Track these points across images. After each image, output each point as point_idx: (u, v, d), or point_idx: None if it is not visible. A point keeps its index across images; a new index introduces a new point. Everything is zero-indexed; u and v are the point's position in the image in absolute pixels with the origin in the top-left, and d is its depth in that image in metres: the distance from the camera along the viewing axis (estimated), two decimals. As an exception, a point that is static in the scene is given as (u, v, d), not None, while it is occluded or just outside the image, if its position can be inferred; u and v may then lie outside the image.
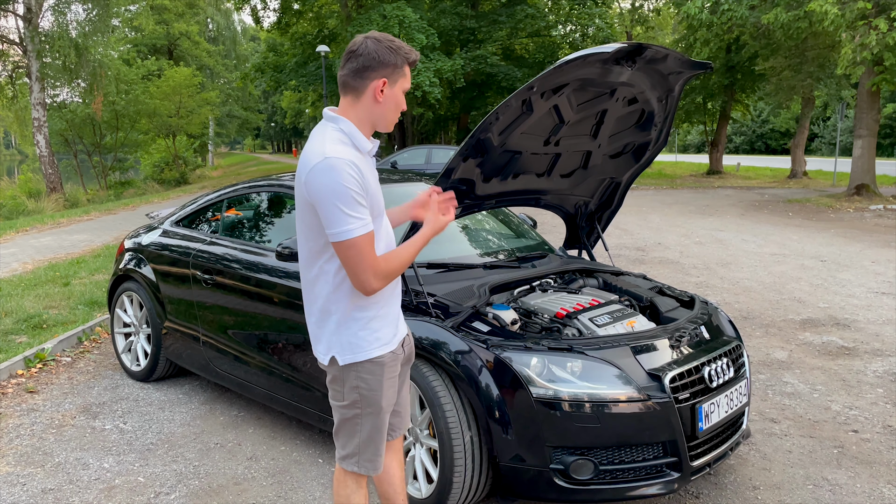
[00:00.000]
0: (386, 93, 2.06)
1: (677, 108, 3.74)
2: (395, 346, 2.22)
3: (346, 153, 1.99)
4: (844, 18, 14.50)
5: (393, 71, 2.06)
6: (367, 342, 2.16)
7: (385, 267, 2.04)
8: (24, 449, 3.83)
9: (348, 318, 2.14)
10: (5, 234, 12.42)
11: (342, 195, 1.93)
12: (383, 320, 2.19)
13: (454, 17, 26.17)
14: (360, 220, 1.96)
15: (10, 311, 6.41)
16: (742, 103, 29.27)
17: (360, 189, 1.97)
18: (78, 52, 21.88)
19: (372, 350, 2.16)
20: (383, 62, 2.04)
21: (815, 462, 3.60)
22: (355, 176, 1.95)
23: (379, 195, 2.12)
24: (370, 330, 2.16)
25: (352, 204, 1.95)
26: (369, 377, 2.17)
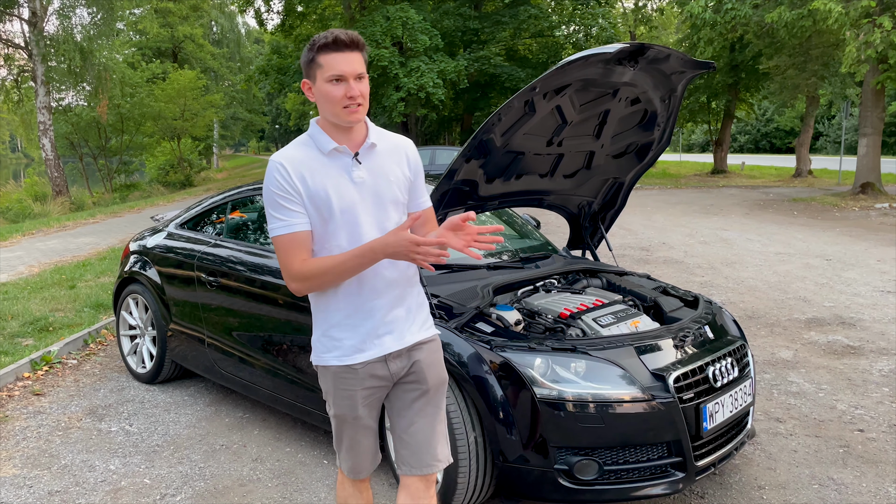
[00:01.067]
0: (314, 90, 2.01)
1: (680, 107, 3.74)
2: (353, 361, 2.07)
3: (288, 154, 2.01)
4: (848, 16, 14.46)
5: (308, 68, 2.01)
6: (324, 347, 2.12)
7: (301, 269, 1.97)
8: (31, 451, 3.84)
9: (317, 318, 2.14)
10: (11, 237, 12.47)
11: (266, 195, 2.00)
12: (346, 330, 2.08)
13: (457, 18, 26.16)
14: (280, 220, 1.97)
15: (17, 314, 6.44)
16: (746, 102, 29.21)
17: (283, 190, 1.96)
18: (83, 55, 21.95)
19: (325, 356, 2.12)
20: (302, 64, 2.02)
21: (820, 461, 3.59)
22: (279, 177, 1.97)
23: (334, 198, 1.99)
24: (329, 337, 2.10)
25: (273, 204, 1.98)
26: (324, 382, 2.16)
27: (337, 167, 2.02)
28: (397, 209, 2.11)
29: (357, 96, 1.95)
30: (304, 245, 1.99)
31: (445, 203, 3.38)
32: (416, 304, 2.18)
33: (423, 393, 2.16)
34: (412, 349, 2.15)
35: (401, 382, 2.17)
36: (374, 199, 2.05)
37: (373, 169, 2.07)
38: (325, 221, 2.00)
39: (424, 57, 23.41)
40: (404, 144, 2.18)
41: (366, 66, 2.02)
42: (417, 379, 2.16)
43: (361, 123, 2.08)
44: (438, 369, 2.20)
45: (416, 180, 2.18)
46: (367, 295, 2.06)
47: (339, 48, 1.95)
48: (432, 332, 2.23)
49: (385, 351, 2.09)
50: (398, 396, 2.18)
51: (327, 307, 2.09)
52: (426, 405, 2.17)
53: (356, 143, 2.06)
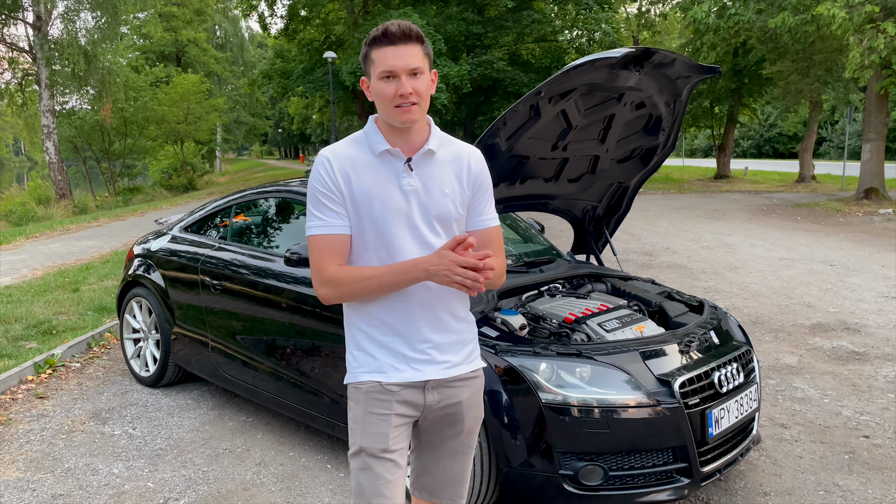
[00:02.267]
0: (370, 88, 1.85)
1: (685, 112, 3.74)
2: (389, 380, 1.87)
3: (337, 150, 1.88)
4: (852, 22, 14.46)
5: (364, 64, 1.86)
6: (357, 363, 1.93)
7: (335, 274, 1.82)
8: (34, 454, 3.84)
9: (350, 332, 1.96)
10: (15, 240, 12.49)
11: (309, 190, 1.88)
12: (381, 347, 1.90)
13: (461, 22, 26.21)
14: (320, 219, 1.84)
15: (20, 317, 6.44)
16: (749, 107, 29.22)
17: (326, 187, 1.84)
18: (87, 59, 22.02)
19: (358, 372, 1.92)
20: (360, 60, 1.88)
21: (826, 468, 3.57)
22: (324, 172, 1.84)
23: (376, 203, 1.83)
24: (363, 352, 1.92)
25: (314, 201, 1.86)
26: (353, 405, 1.93)
27: (386, 171, 1.86)
28: (446, 225, 1.91)
29: (409, 94, 1.78)
30: (340, 250, 1.85)
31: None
32: (462, 330, 1.98)
33: (457, 433, 2.00)
34: (454, 385, 1.95)
35: (433, 417, 1.96)
36: (421, 211, 1.86)
37: (426, 178, 1.88)
38: (363, 229, 1.85)
39: (428, 61, 23.41)
40: (468, 154, 1.97)
41: (429, 60, 1.85)
42: (455, 420, 1.98)
43: (422, 125, 1.90)
44: (477, 410, 2.03)
45: (476, 195, 1.97)
46: (405, 314, 1.88)
47: (391, 41, 1.78)
48: (477, 364, 2.03)
49: (424, 377, 1.90)
50: (429, 429, 2.00)
51: (361, 321, 1.92)
52: (459, 445, 2.01)
53: (412, 148, 1.88)
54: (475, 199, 1.97)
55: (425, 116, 1.89)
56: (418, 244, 1.86)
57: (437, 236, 1.88)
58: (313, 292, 3.47)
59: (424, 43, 1.82)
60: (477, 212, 1.98)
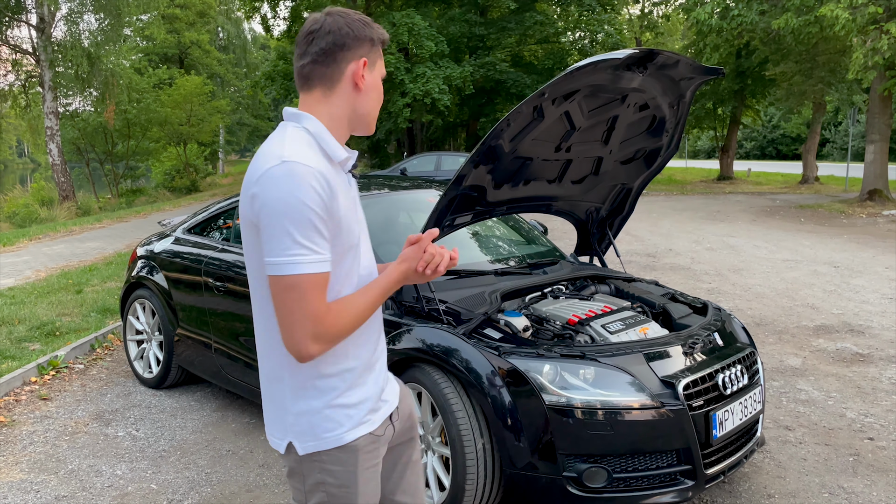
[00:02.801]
0: (367, 78, 1.56)
1: (688, 113, 3.73)
2: (376, 426, 1.63)
3: (313, 159, 1.46)
4: (856, 23, 14.44)
5: (371, 50, 1.57)
6: (335, 422, 1.58)
7: (333, 324, 1.46)
8: (38, 456, 3.84)
9: (307, 386, 1.56)
10: (18, 241, 12.51)
11: (297, 214, 1.40)
12: (359, 389, 1.61)
13: (463, 24, 26.23)
14: (314, 252, 1.42)
15: (24, 319, 6.45)
16: (752, 108, 29.18)
17: (324, 211, 1.43)
18: (90, 61, 22.05)
19: (341, 433, 1.58)
20: (359, 37, 1.55)
21: (830, 470, 3.56)
22: (320, 192, 1.42)
23: (354, 223, 1.56)
24: (339, 406, 1.58)
25: (307, 229, 1.41)
26: (338, 469, 1.59)
27: (343, 182, 1.57)
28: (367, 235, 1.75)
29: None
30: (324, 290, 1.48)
31: (453, 209, 3.37)
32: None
33: (411, 440, 1.86)
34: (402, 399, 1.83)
35: (395, 441, 1.80)
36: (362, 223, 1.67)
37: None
38: (344, 254, 1.54)
39: (430, 63, 23.46)
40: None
41: None
42: (411, 427, 1.85)
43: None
44: (413, 408, 1.89)
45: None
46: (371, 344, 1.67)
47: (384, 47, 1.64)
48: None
49: (392, 406, 1.74)
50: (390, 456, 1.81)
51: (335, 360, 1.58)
52: (413, 451, 1.86)
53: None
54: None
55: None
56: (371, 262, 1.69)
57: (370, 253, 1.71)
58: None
59: None
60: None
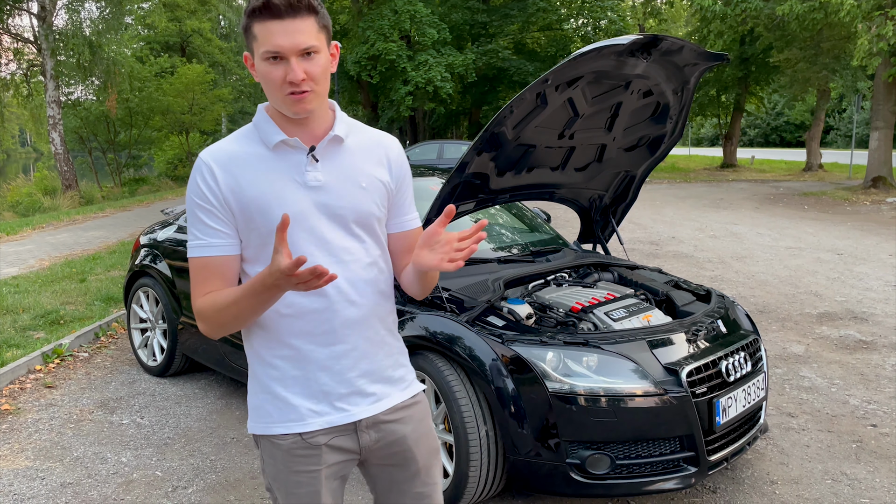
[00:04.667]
0: (256, 67, 1.49)
1: (692, 100, 3.71)
2: (311, 428, 1.53)
3: (220, 151, 1.52)
4: (860, 9, 14.35)
5: (246, 37, 1.49)
6: (265, 411, 1.56)
7: (201, 307, 1.49)
8: (43, 443, 3.86)
9: (254, 359, 1.59)
10: (22, 230, 12.53)
11: (187, 202, 1.53)
12: (297, 384, 1.53)
13: (466, 11, 26.13)
14: (196, 238, 1.51)
15: (28, 308, 6.47)
16: (756, 96, 29.03)
17: (206, 200, 1.48)
18: (92, 49, 22.00)
19: (269, 423, 1.55)
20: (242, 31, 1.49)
21: (833, 457, 3.57)
22: (202, 183, 1.49)
23: (278, 206, 1.49)
24: (272, 394, 1.55)
25: (191, 216, 1.52)
26: (270, 462, 1.58)
27: (285, 167, 1.51)
28: (366, 225, 1.57)
29: (300, 81, 1.43)
30: (220, 273, 1.50)
31: (456, 197, 3.37)
32: (392, 349, 1.65)
33: (414, 475, 1.67)
34: (391, 419, 1.62)
35: (378, 459, 1.65)
36: (331, 210, 1.52)
37: (337, 170, 1.54)
38: (264, 241, 1.50)
39: (432, 50, 23.38)
40: (387, 143, 1.65)
41: (327, 33, 1.48)
42: (405, 460, 1.65)
43: (324, 111, 1.55)
44: (429, 441, 1.70)
45: (400, 190, 1.66)
46: (325, 337, 1.53)
47: (275, 14, 1.40)
48: (415, 388, 1.69)
49: (353, 417, 1.56)
50: (380, 475, 1.68)
51: (268, 351, 1.55)
52: (422, 487, 1.69)
53: (314, 136, 1.54)
54: (398, 195, 1.66)
55: (326, 101, 1.55)
56: (328, 252, 1.52)
57: (356, 240, 1.56)
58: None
59: (319, 13, 1.45)
60: (400, 211, 1.67)
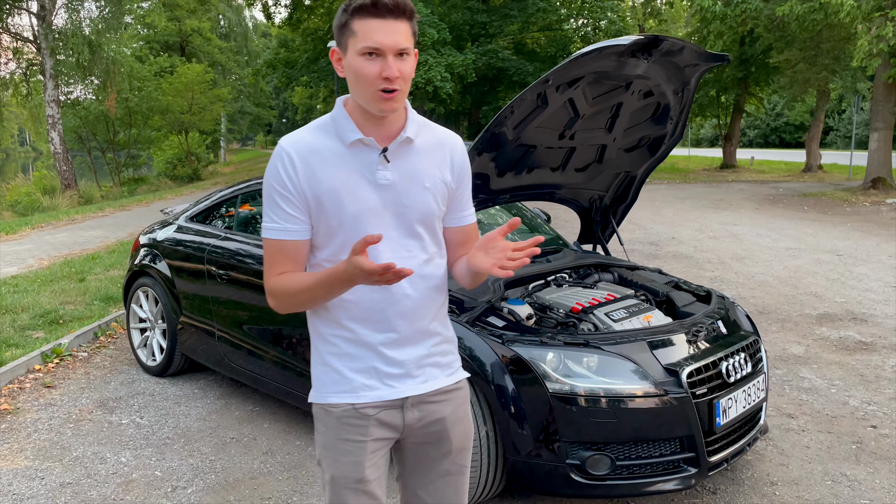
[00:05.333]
0: (343, 64, 1.59)
1: (693, 101, 3.71)
2: (361, 401, 1.67)
3: (299, 141, 1.64)
4: (860, 10, 14.35)
5: (339, 33, 1.58)
6: (321, 381, 1.72)
7: (273, 286, 1.65)
8: (42, 443, 3.86)
9: (315, 336, 1.74)
10: (21, 230, 12.52)
11: (265, 186, 1.66)
12: (352, 360, 1.68)
13: (465, 11, 26.10)
14: (272, 221, 1.64)
15: (27, 307, 6.46)
16: (756, 96, 29.03)
17: (283, 186, 1.61)
18: (91, 49, 21.99)
19: (324, 392, 1.71)
20: (334, 28, 1.59)
21: (833, 458, 3.57)
22: (282, 169, 1.61)
23: (349, 200, 1.61)
24: (329, 367, 1.70)
25: (269, 200, 1.65)
26: (322, 430, 1.73)
27: (358, 164, 1.63)
28: (427, 223, 1.69)
29: (395, 78, 1.53)
30: (292, 256, 1.65)
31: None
32: (442, 338, 1.78)
33: (446, 453, 1.79)
34: (435, 399, 1.75)
35: (416, 437, 1.77)
36: (397, 208, 1.65)
37: (404, 170, 1.66)
38: (333, 231, 1.63)
39: (432, 50, 23.35)
40: (451, 142, 1.75)
41: (415, 39, 1.59)
42: (440, 439, 1.77)
43: (400, 110, 1.65)
44: (464, 426, 1.82)
45: (459, 188, 1.76)
46: (378, 323, 1.67)
47: (380, 13, 1.52)
48: (460, 375, 1.82)
49: (401, 394, 1.70)
50: (414, 452, 1.80)
51: (326, 329, 1.71)
52: (451, 465, 1.80)
53: (388, 136, 1.64)
54: (458, 192, 1.76)
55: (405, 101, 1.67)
56: (394, 247, 1.65)
57: (415, 238, 1.68)
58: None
59: (414, 19, 1.58)
60: (458, 207, 1.78)
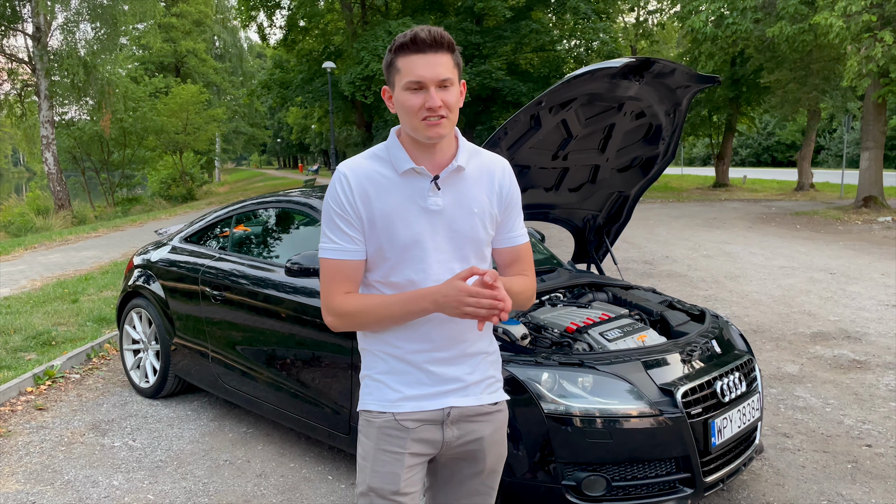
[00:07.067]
0: (394, 99, 1.71)
1: (685, 121, 3.75)
2: (402, 411, 1.74)
3: (357, 166, 1.73)
4: (850, 31, 14.52)
5: (388, 72, 1.71)
6: (369, 389, 1.80)
7: (340, 304, 1.71)
8: (34, 466, 3.82)
9: (365, 350, 1.83)
10: (14, 251, 12.48)
11: (325, 209, 1.74)
12: (398, 375, 1.76)
13: (459, 32, 26.30)
14: (333, 242, 1.72)
15: (19, 328, 6.42)
16: (748, 116, 29.28)
17: (342, 208, 1.70)
18: (86, 70, 22.09)
19: (367, 401, 1.79)
20: (384, 68, 1.74)
21: (828, 477, 3.56)
22: (341, 191, 1.70)
23: (402, 226, 1.70)
24: (375, 380, 1.79)
25: (328, 221, 1.73)
26: (364, 438, 1.80)
27: (410, 191, 1.71)
28: (476, 248, 1.77)
29: (438, 107, 1.63)
30: (351, 276, 1.72)
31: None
32: (486, 359, 1.84)
33: (478, 472, 1.84)
34: (476, 419, 1.80)
35: (452, 453, 1.81)
36: (448, 233, 1.73)
37: (454, 197, 1.74)
38: (385, 254, 1.72)
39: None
40: (499, 166, 1.83)
41: (459, 70, 1.69)
42: (476, 458, 1.82)
43: (450, 139, 1.75)
44: (500, 448, 1.87)
45: (507, 211, 1.83)
46: (423, 341, 1.75)
47: (420, 49, 1.63)
48: (500, 395, 1.87)
49: (442, 405, 1.76)
50: (447, 466, 1.85)
51: (374, 345, 1.79)
52: (480, 485, 1.85)
53: (439, 164, 1.73)
54: (505, 215, 1.83)
55: (454, 129, 1.75)
56: (444, 270, 1.72)
57: (463, 262, 1.75)
58: (314, 302, 3.46)
59: (455, 52, 1.68)
60: (507, 228, 1.85)
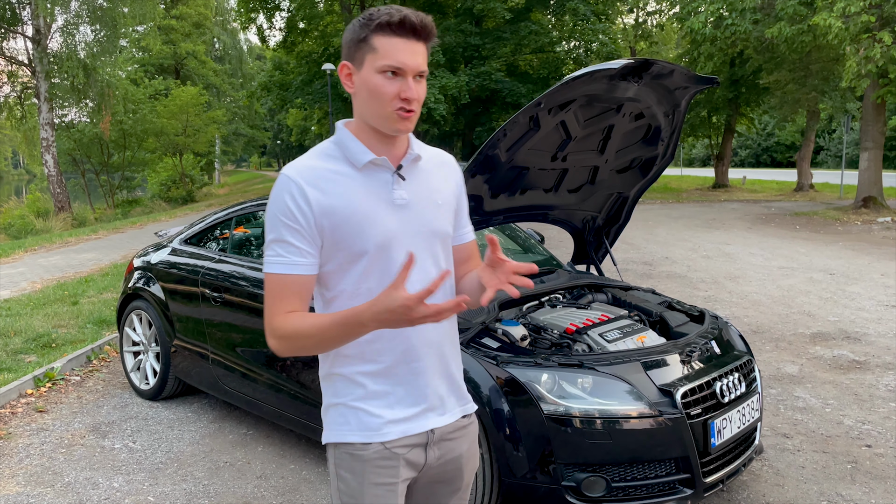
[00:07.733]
0: (354, 80, 1.51)
1: (684, 122, 3.75)
2: (388, 438, 1.53)
3: (306, 167, 1.51)
4: (848, 32, 14.53)
5: (355, 48, 1.49)
6: (343, 417, 1.56)
7: (279, 325, 1.47)
8: (34, 469, 3.82)
9: (331, 373, 1.58)
10: (14, 253, 12.48)
11: (269, 217, 1.50)
12: (378, 399, 1.54)
13: (459, 34, 26.33)
14: (278, 255, 1.48)
15: (20, 331, 6.43)
16: (747, 117, 29.29)
17: (291, 217, 1.46)
18: (86, 72, 22.11)
19: (346, 431, 1.55)
20: (345, 42, 1.51)
21: (828, 477, 3.56)
22: (290, 199, 1.47)
23: (370, 226, 1.50)
24: (354, 408, 1.55)
25: (273, 233, 1.49)
26: (347, 475, 1.56)
27: (373, 186, 1.53)
28: (444, 244, 1.61)
29: (413, 99, 1.47)
30: (298, 293, 1.49)
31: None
32: (456, 368, 1.69)
33: (455, 491, 1.71)
34: (453, 437, 1.65)
35: (430, 476, 1.66)
36: (418, 228, 1.55)
37: (417, 189, 1.57)
38: (354, 260, 1.51)
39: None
40: (448, 158, 1.70)
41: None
42: (453, 478, 1.69)
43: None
44: (475, 461, 1.74)
45: (460, 206, 1.70)
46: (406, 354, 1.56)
47: (406, 33, 1.45)
48: (472, 406, 1.73)
49: (427, 427, 1.59)
50: (424, 489, 1.68)
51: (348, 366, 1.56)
52: (457, 501, 1.73)
53: (396, 156, 1.56)
54: (459, 210, 1.70)
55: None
56: (418, 271, 1.54)
57: (433, 258, 1.58)
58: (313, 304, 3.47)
59: (431, 42, 1.52)
60: (460, 224, 1.71)
